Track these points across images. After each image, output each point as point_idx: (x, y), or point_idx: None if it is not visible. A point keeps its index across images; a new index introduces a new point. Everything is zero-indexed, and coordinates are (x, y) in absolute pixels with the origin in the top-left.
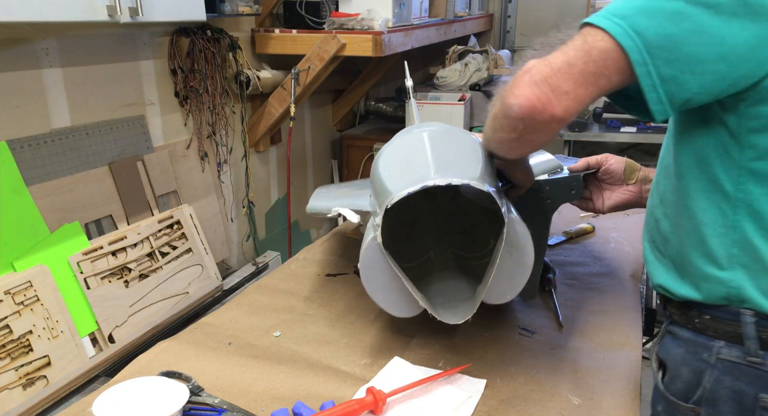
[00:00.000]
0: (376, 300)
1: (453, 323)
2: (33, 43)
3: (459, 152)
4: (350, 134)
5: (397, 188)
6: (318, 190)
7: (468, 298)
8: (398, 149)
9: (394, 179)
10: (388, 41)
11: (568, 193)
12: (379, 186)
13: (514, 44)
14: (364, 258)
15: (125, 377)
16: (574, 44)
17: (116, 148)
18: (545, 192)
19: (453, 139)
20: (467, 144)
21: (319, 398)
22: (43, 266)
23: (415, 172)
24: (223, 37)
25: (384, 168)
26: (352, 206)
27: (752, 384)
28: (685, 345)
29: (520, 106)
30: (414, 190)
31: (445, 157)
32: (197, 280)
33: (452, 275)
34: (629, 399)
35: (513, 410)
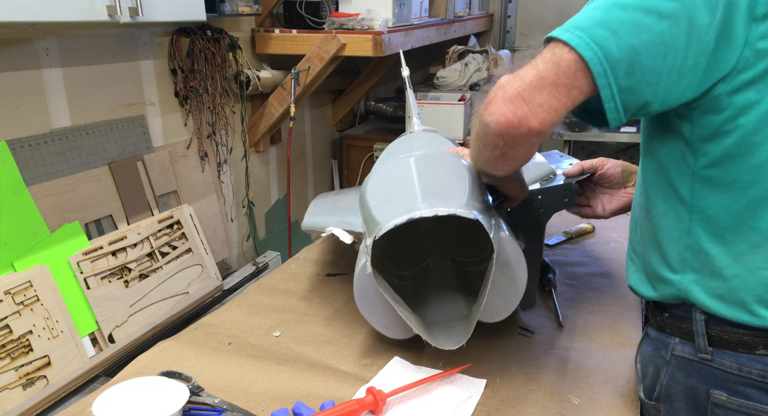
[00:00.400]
0: (373, 323)
1: (447, 349)
2: (33, 43)
3: (445, 178)
4: (350, 134)
5: (384, 218)
6: (316, 199)
7: (464, 317)
8: (384, 176)
9: (381, 208)
10: (388, 41)
11: (561, 201)
12: (367, 214)
13: (514, 44)
14: (357, 285)
15: (125, 377)
16: (543, 57)
17: (116, 148)
18: (537, 201)
19: (439, 164)
20: (453, 169)
21: (319, 398)
22: (43, 266)
23: (402, 202)
24: (223, 37)
25: (371, 197)
26: (347, 224)
27: (704, 381)
28: (652, 343)
29: (497, 122)
30: (400, 221)
31: (432, 184)
32: (197, 280)
33: (450, 286)
34: (629, 399)
35: (513, 410)
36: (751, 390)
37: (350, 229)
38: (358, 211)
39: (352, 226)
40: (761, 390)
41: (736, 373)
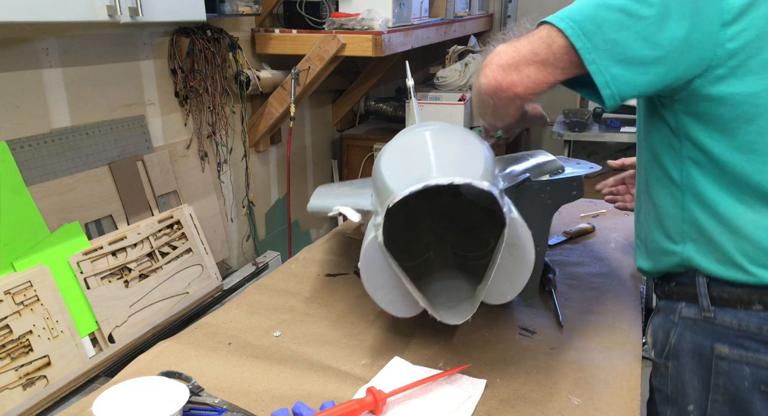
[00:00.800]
0: (376, 299)
1: (453, 323)
2: (33, 43)
3: (461, 151)
4: (350, 134)
5: (398, 187)
6: (319, 188)
7: (468, 298)
8: (400, 148)
9: (395, 178)
10: (388, 41)
11: (569, 193)
12: (380, 184)
13: None
14: (365, 257)
15: (125, 377)
16: (540, 35)
17: (116, 148)
18: (546, 192)
19: (455, 138)
20: (469, 143)
21: (319, 398)
22: (43, 266)
23: (417, 171)
24: (223, 37)
25: (386, 167)
26: (354, 205)
27: (708, 337)
28: (662, 312)
29: (488, 84)
30: (415, 189)
31: (447, 156)
32: (197, 280)
33: (452, 274)
34: (629, 399)
35: (513, 410)
36: (750, 342)
37: (358, 208)
38: (363, 195)
39: (360, 206)
40: (758, 342)
41: (736, 328)
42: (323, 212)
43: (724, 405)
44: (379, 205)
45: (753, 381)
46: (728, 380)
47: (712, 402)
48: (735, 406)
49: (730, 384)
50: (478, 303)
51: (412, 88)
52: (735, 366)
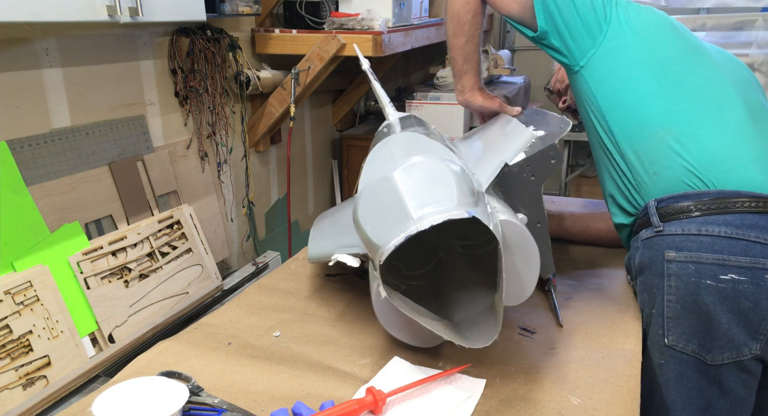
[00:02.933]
0: (400, 337)
1: (480, 346)
2: (33, 43)
3: (431, 184)
4: (350, 134)
5: (382, 240)
6: (315, 222)
7: (489, 307)
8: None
9: (376, 231)
10: (388, 41)
11: (549, 163)
12: (364, 239)
13: (514, 44)
14: (377, 306)
15: (125, 377)
16: None
17: (116, 148)
18: (527, 170)
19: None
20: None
21: (319, 398)
22: (43, 266)
23: (395, 220)
24: (223, 37)
25: (364, 221)
26: (350, 247)
27: (660, 248)
28: (631, 248)
29: None
30: (399, 241)
31: (419, 194)
32: (197, 280)
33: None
34: (629, 399)
35: (513, 410)
36: (692, 244)
37: (355, 252)
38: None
39: (357, 248)
40: (698, 242)
41: (680, 234)
42: (324, 260)
43: (677, 304)
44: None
45: (698, 276)
46: (678, 279)
47: (667, 303)
48: (686, 302)
49: (680, 282)
50: (500, 320)
51: (369, 70)
52: (682, 266)
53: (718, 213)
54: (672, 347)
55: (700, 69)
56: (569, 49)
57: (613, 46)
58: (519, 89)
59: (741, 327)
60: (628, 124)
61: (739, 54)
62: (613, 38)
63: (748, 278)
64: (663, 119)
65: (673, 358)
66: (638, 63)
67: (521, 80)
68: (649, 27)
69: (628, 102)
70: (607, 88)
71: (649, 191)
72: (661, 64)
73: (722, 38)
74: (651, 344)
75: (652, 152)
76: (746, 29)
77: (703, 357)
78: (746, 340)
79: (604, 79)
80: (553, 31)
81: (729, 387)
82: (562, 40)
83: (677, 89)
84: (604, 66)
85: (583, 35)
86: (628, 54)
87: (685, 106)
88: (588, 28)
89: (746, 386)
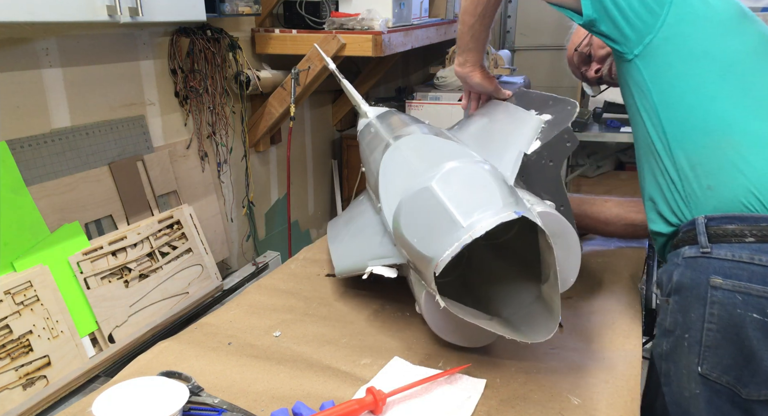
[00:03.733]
0: (453, 341)
1: (541, 340)
2: (33, 43)
3: (472, 189)
4: (350, 134)
5: (435, 253)
6: (330, 233)
7: (534, 301)
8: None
9: (426, 244)
10: (388, 41)
11: (565, 146)
12: (413, 253)
13: (514, 44)
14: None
15: (125, 377)
16: None
17: (116, 148)
18: (545, 157)
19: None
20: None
21: (319, 398)
22: (43, 266)
23: (446, 230)
24: (223, 37)
25: (410, 235)
26: (382, 259)
27: (705, 271)
28: (668, 261)
29: None
30: (455, 251)
31: (463, 201)
32: (197, 280)
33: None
34: (629, 399)
35: (513, 410)
36: (742, 273)
37: (390, 263)
38: (383, 241)
39: (390, 259)
40: (749, 272)
41: (730, 259)
42: (356, 273)
43: (717, 333)
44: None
45: (744, 308)
46: (722, 308)
47: (707, 331)
48: (727, 333)
49: (723, 312)
50: (558, 313)
51: (335, 70)
52: (728, 295)
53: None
54: (705, 376)
55: None
56: (624, 35)
57: (675, 33)
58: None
59: None
60: (685, 127)
61: None
62: (675, 23)
63: None
64: (727, 127)
65: (705, 387)
66: (703, 56)
67: (521, 80)
68: (716, 13)
69: (689, 101)
70: (665, 83)
71: (699, 205)
72: (730, 60)
73: None
74: (679, 368)
75: (708, 163)
76: None
77: (738, 390)
78: None
79: (663, 71)
80: (603, 17)
81: None
82: (615, 26)
83: (747, 92)
84: (664, 55)
85: (640, 17)
86: (692, 44)
87: (754, 113)
88: (647, 7)
89: None
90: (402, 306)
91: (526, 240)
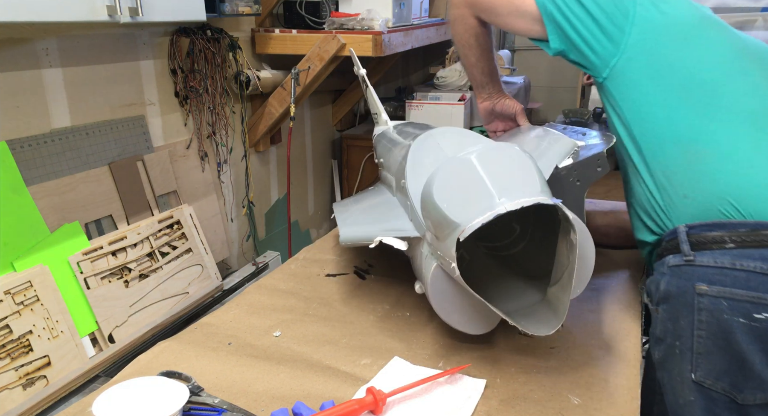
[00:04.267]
0: (452, 323)
1: (542, 334)
2: (33, 43)
3: (512, 170)
4: (350, 134)
5: (464, 219)
6: (337, 209)
7: (537, 302)
8: (449, 178)
9: (456, 210)
10: (388, 41)
11: (595, 170)
12: (439, 218)
13: (514, 44)
14: (434, 288)
15: (125, 377)
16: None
17: (116, 148)
18: (574, 175)
19: (501, 157)
20: (516, 159)
21: (319, 398)
22: (43, 266)
23: (479, 201)
24: (223, 37)
25: (440, 200)
26: (394, 231)
27: (690, 279)
28: (655, 271)
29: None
30: (487, 219)
31: (502, 179)
32: (197, 280)
33: (497, 273)
34: (629, 398)
35: (513, 410)
36: (725, 278)
37: (402, 236)
38: (397, 216)
39: (403, 232)
40: (732, 277)
41: (713, 266)
42: (362, 243)
43: (707, 340)
44: (436, 235)
45: (731, 313)
46: (709, 315)
47: (697, 338)
48: (717, 339)
49: (711, 318)
50: (565, 309)
51: (365, 77)
52: (714, 301)
53: (754, 246)
54: (700, 383)
55: (741, 76)
56: (591, 61)
57: (639, 51)
58: (519, 89)
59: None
60: (657, 140)
61: None
62: (638, 42)
63: None
64: (694, 136)
65: (701, 394)
66: (667, 69)
67: (521, 80)
68: (677, 22)
69: (657, 115)
70: (635, 100)
71: (678, 215)
72: (693, 71)
73: None
74: (673, 376)
75: (682, 173)
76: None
77: (734, 396)
78: None
79: (631, 89)
80: (570, 48)
81: None
82: (582, 54)
83: (712, 100)
84: (630, 74)
85: (602, 44)
86: (656, 59)
87: (720, 121)
88: (608, 35)
89: None
90: (402, 306)
91: (532, 256)
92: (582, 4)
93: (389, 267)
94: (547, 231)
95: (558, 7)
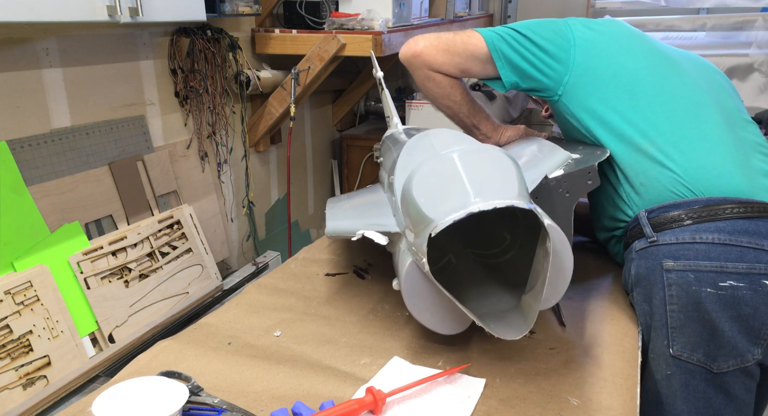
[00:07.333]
0: (423, 322)
1: (510, 338)
2: (33, 43)
3: (492, 171)
4: (350, 134)
5: (438, 215)
6: (329, 204)
7: (512, 308)
8: (429, 175)
9: (431, 206)
10: (388, 41)
11: (585, 183)
12: (415, 213)
13: None
14: (407, 283)
15: (125, 377)
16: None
17: (116, 148)
18: (563, 187)
19: (483, 159)
20: (498, 162)
21: (319, 398)
22: (43, 266)
23: (454, 198)
24: (223, 37)
25: (418, 195)
26: (378, 226)
27: (656, 258)
28: (626, 260)
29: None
30: (459, 216)
31: (481, 179)
32: (197, 280)
33: (480, 278)
34: (628, 398)
35: (512, 410)
36: (688, 252)
37: (384, 231)
38: (383, 213)
39: (385, 227)
40: (695, 251)
41: (675, 242)
42: (345, 236)
43: (680, 313)
44: (412, 230)
45: (698, 285)
46: (679, 288)
47: (670, 313)
48: (688, 311)
49: (681, 291)
50: (535, 315)
51: (382, 79)
52: (681, 275)
53: (708, 220)
54: (677, 357)
55: (670, 76)
56: (544, 84)
57: (586, 67)
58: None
59: (743, 333)
60: (615, 138)
61: (739, 54)
62: (583, 59)
63: (746, 284)
64: (644, 130)
65: (678, 368)
66: (612, 78)
67: None
68: (609, 37)
69: (609, 119)
70: (590, 108)
71: (638, 202)
72: (633, 76)
73: (722, 38)
74: (654, 355)
75: (637, 164)
76: (746, 29)
77: (709, 366)
78: (748, 346)
79: (586, 100)
80: (523, 77)
81: (735, 395)
82: (535, 80)
83: (653, 99)
84: (582, 87)
85: (552, 67)
86: (601, 71)
87: (663, 115)
88: (556, 59)
89: (749, 390)
90: (402, 306)
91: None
92: (528, 38)
93: (389, 267)
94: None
95: (508, 43)
